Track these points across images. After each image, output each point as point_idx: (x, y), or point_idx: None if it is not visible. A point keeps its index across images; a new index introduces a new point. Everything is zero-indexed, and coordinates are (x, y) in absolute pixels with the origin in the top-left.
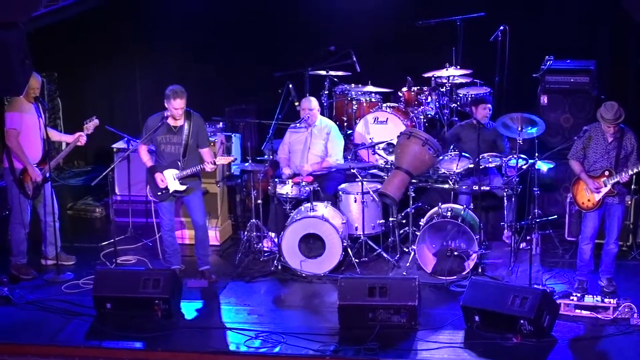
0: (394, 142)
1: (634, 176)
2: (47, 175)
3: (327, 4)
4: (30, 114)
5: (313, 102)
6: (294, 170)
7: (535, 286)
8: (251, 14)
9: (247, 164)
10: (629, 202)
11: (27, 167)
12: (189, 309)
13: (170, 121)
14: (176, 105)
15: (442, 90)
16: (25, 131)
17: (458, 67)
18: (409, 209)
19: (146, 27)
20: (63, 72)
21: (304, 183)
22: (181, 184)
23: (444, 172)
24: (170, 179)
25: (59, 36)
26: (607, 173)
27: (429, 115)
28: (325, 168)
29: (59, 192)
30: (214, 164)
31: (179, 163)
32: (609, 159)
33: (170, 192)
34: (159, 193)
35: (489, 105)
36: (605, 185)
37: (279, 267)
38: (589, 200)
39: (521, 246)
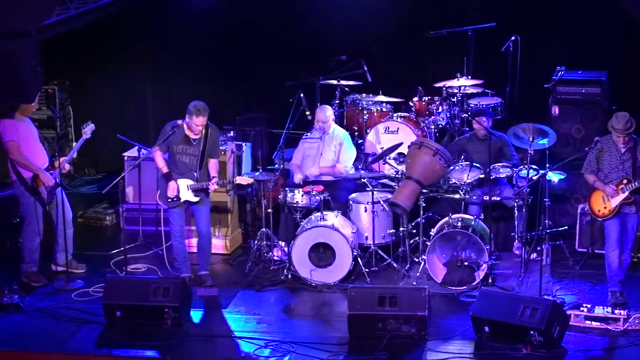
0: (404, 149)
1: None
2: (59, 181)
3: (339, 13)
4: (25, 123)
5: (327, 113)
6: (304, 175)
7: (546, 297)
8: (262, 24)
9: (257, 173)
10: None
11: (38, 173)
12: (199, 317)
13: (189, 132)
14: (197, 123)
15: (453, 100)
16: (25, 140)
17: (469, 77)
18: (419, 219)
19: (158, 37)
20: (75, 80)
21: (314, 192)
22: (194, 195)
23: (455, 182)
24: (183, 189)
25: (70, 45)
26: (625, 181)
27: (440, 125)
28: (334, 175)
29: (69, 200)
30: (217, 184)
31: (195, 174)
32: (624, 170)
33: (182, 200)
34: (169, 200)
35: (483, 119)
36: (623, 192)
37: (289, 276)
38: (605, 208)
39: (531, 257)
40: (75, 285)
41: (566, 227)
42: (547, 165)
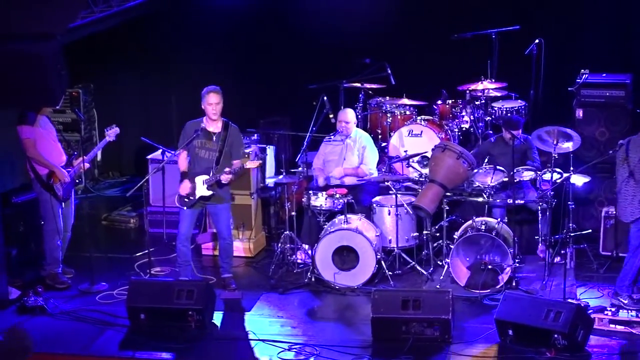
0: (428, 154)
1: None
2: (78, 180)
3: (363, 16)
4: (41, 122)
5: (349, 115)
6: (327, 176)
7: (570, 300)
8: (286, 26)
9: (281, 176)
10: None
11: (53, 169)
12: (223, 320)
13: (208, 126)
14: (210, 100)
15: (477, 103)
16: (41, 139)
17: (493, 80)
18: (443, 222)
19: (181, 40)
20: (99, 83)
21: (337, 195)
22: (208, 189)
23: (478, 186)
24: (199, 185)
25: (95, 48)
26: None
27: (464, 129)
28: (358, 175)
29: (94, 203)
30: (229, 173)
31: (212, 171)
32: None
33: (197, 197)
34: (186, 199)
35: (518, 132)
36: None
37: (313, 279)
38: None
39: (555, 260)
40: (99, 288)
41: (590, 231)
42: (571, 168)
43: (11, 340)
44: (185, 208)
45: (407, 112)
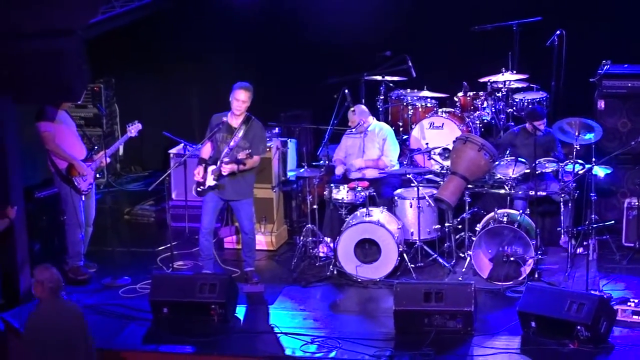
0: (450, 147)
1: None
2: (99, 175)
3: (383, 9)
4: (61, 117)
5: (353, 116)
6: (348, 168)
7: (592, 292)
8: (306, 19)
9: (302, 170)
10: None
11: (72, 162)
12: (245, 313)
13: (231, 120)
14: (237, 96)
15: (498, 95)
16: (60, 133)
17: (514, 72)
18: (465, 214)
19: (202, 35)
20: (121, 78)
21: (359, 188)
22: (214, 179)
23: (500, 178)
24: (209, 174)
25: (116, 43)
26: None
27: (485, 121)
28: (378, 167)
29: (116, 197)
30: (226, 163)
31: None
32: None
33: (207, 187)
34: (198, 189)
35: (541, 122)
36: None
37: (335, 272)
38: None
39: (578, 252)
40: (122, 282)
41: (613, 222)
42: (593, 159)
43: (44, 278)
44: (198, 197)
45: (428, 105)
